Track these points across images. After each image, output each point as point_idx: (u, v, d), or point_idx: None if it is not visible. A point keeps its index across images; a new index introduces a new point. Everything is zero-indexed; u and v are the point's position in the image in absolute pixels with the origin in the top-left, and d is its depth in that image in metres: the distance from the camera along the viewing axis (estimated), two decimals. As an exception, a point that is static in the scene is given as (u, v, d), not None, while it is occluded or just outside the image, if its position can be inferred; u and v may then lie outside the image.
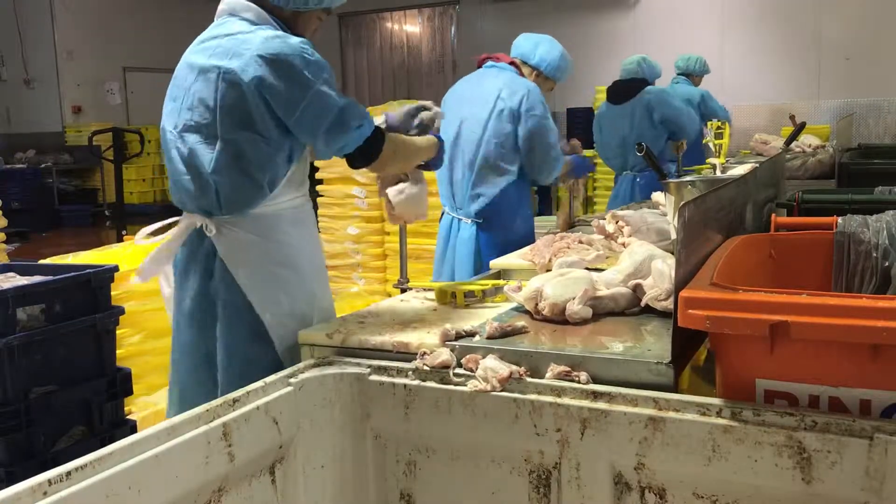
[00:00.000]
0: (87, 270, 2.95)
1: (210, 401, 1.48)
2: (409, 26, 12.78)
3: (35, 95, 12.43)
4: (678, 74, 6.10)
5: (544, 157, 3.24)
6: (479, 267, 3.27)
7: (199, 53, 1.96)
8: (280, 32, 1.94)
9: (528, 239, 3.22)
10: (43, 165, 11.61)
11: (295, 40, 1.91)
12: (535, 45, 3.41)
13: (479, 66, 3.45)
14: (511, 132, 3.22)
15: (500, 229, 3.28)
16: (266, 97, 1.86)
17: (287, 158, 1.96)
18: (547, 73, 3.40)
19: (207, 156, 1.91)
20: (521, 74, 3.36)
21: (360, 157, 2.00)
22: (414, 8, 12.48)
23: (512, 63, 3.37)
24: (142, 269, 2.09)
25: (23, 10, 12.13)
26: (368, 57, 12.92)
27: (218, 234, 1.96)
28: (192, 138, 1.93)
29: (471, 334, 1.69)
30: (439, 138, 2.21)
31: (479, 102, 3.29)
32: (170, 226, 2.09)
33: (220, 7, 2.04)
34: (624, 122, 4.78)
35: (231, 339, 1.98)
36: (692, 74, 6.06)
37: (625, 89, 4.85)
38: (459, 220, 3.38)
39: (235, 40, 1.91)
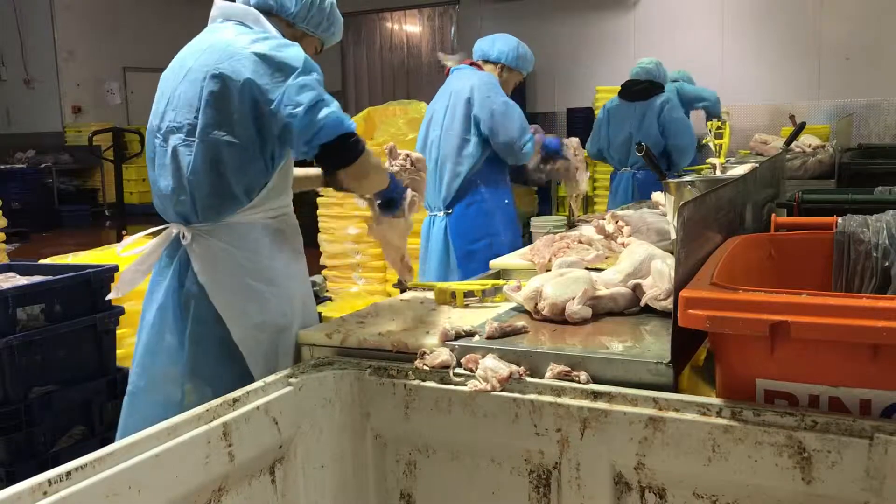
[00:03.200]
0: (87, 270, 2.95)
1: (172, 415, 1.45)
2: (409, 26, 12.77)
3: (35, 95, 12.42)
4: None
5: (508, 133, 3.32)
6: (448, 255, 3.37)
7: (189, 57, 1.95)
8: (277, 35, 1.92)
9: (505, 228, 3.31)
10: (43, 165, 11.60)
11: (289, 43, 1.89)
12: (492, 42, 3.57)
13: (447, 75, 3.59)
14: (464, 118, 3.35)
15: (468, 219, 3.40)
16: (254, 94, 1.82)
17: (265, 168, 1.90)
18: (510, 65, 3.53)
19: (186, 158, 1.89)
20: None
21: (338, 155, 1.88)
22: (414, 8, 12.47)
23: (473, 64, 3.50)
24: (120, 282, 2.03)
25: (23, 10, 12.13)
26: (368, 57, 12.91)
27: (192, 242, 1.92)
28: (175, 139, 1.90)
29: (470, 334, 1.69)
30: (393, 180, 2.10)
31: (439, 103, 3.50)
32: (153, 234, 2.04)
33: (213, 12, 2.02)
34: (633, 121, 4.86)
35: (199, 352, 1.94)
36: (674, 81, 6.14)
37: (641, 89, 4.90)
38: (435, 216, 3.53)
39: (228, 43, 1.89)
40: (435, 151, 3.47)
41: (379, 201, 2.12)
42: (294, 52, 1.87)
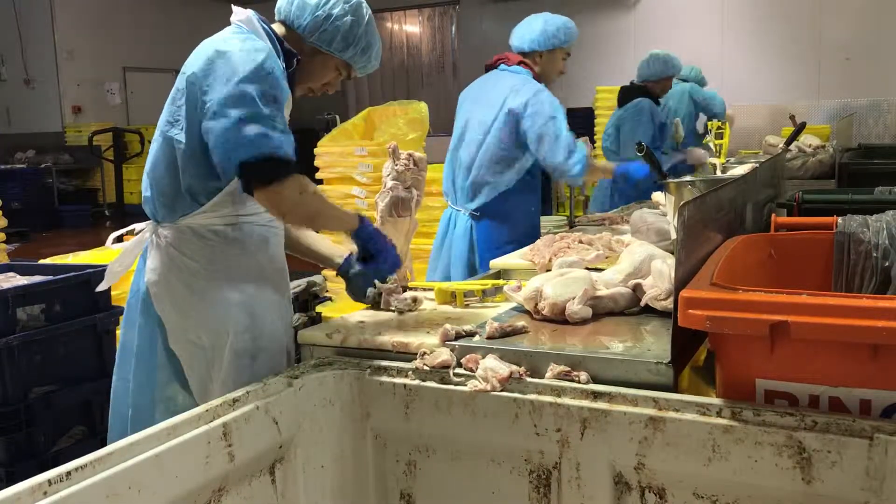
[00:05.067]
0: (87, 270, 2.95)
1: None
2: (409, 26, 12.78)
3: (35, 95, 12.42)
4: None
5: (554, 153, 3.17)
6: (474, 262, 3.30)
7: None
8: (258, 40, 1.83)
9: (527, 236, 3.24)
10: (43, 165, 11.61)
11: (252, 45, 1.79)
12: (521, 35, 3.41)
13: (494, 67, 3.45)
14: (514, 133, 3.22)
15: (498, 225, 3.31)
16: (195, 93, 1.76)
17: (214, 173, 1.81)
18: (544, 49, 3.37)
19: (152, 154, 1.89)
20: (534, 72, 3.34)
21: (251, 175, 1.73)
22: (414, 8, 12.48)
23: (521, 62, 3.36)
24: (106, 274, 2.02)
25: (23, 10, 12.13)
26: (368, 57, 12.90)
27: (150, 241, 1.90)
28: (155, 134, 1.90)
29: (471, 334, 1.69)
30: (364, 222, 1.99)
31: (485, 105, 3.31)
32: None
33: (231, 18, 1.99)
34: (613, 125, 4.95)
35: (142, 355, 1.91)
36: (686, 81, 6.09)
37: (622, 96, 4.95)
38: (458, 212, 3.41)
39: (207, 41, 1.85)
40: (471, 155, 3.32)
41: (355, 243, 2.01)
42: (251, 56, 1.75)
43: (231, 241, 1.86)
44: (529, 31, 3.39)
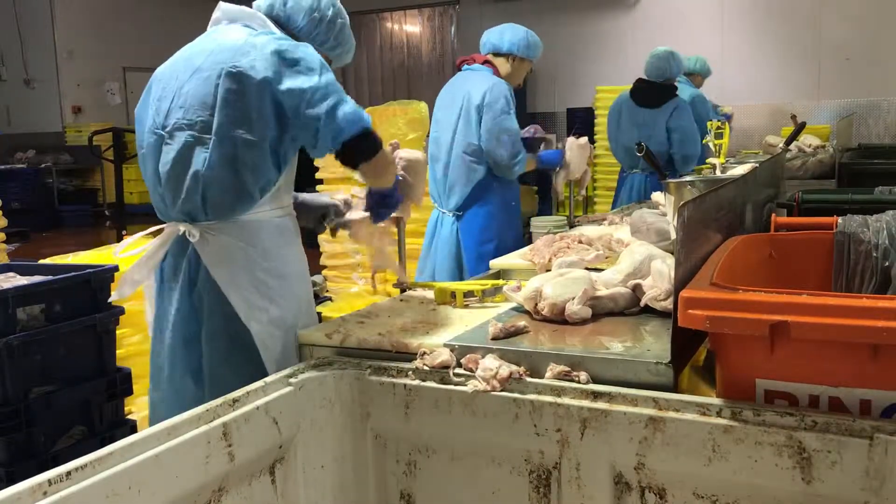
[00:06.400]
0: (87, 270, 2.94)
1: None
2: (409, 26, 12.77)
3: (35, 95, 12.42)
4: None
5: (501, 155, 3.32)
6: (460, 261, 3.36)
7: (197, 56, 1.93)
8: (286, 36, 1.94)
9: (511, 228, 3.31)
10: (43, 165, 11.61)
11: (304, 44, 1.92)
12: (501, 34, 3.52)
13: (459, 69, 3.56)
14: (476, 129, 3.32)
15: (479, 221, 3.40)
16: (273, 91, 1.84)
17: (277, 165, 1.92)
18: (521, 55, 3.49)
19: (200, 155, 1.87)
20: (497, 72, 3.43)
21: (357, 151, 1.93)
22: (414, 8, 12.47)
23: (486, 62, 3.46)
24: (122, 282, 2.00)
25: (23, 10, 12.13)
26: (368, 57, 12.91)
27: (201, 239, 1.91)
28: (183, 136, 1.88)
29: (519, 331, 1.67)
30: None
31: (449, 106, 3.45)
32: (153, 235, 2.02)
33: (216, 14, 2.02)
34: (644, 127, 4.60)
35: (215, 351, 1.93)
36: (692, 73, 6.01)
37: (656, 94, 4.65)
38: (443, 213, 3.51)
39: (243, 41, 1.89)
40: (445, 155, 3.42)
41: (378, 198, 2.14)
42: (310, 51, 1.90)
43: (287, 228, 2.01)
44: (513, 34, 3.50)
